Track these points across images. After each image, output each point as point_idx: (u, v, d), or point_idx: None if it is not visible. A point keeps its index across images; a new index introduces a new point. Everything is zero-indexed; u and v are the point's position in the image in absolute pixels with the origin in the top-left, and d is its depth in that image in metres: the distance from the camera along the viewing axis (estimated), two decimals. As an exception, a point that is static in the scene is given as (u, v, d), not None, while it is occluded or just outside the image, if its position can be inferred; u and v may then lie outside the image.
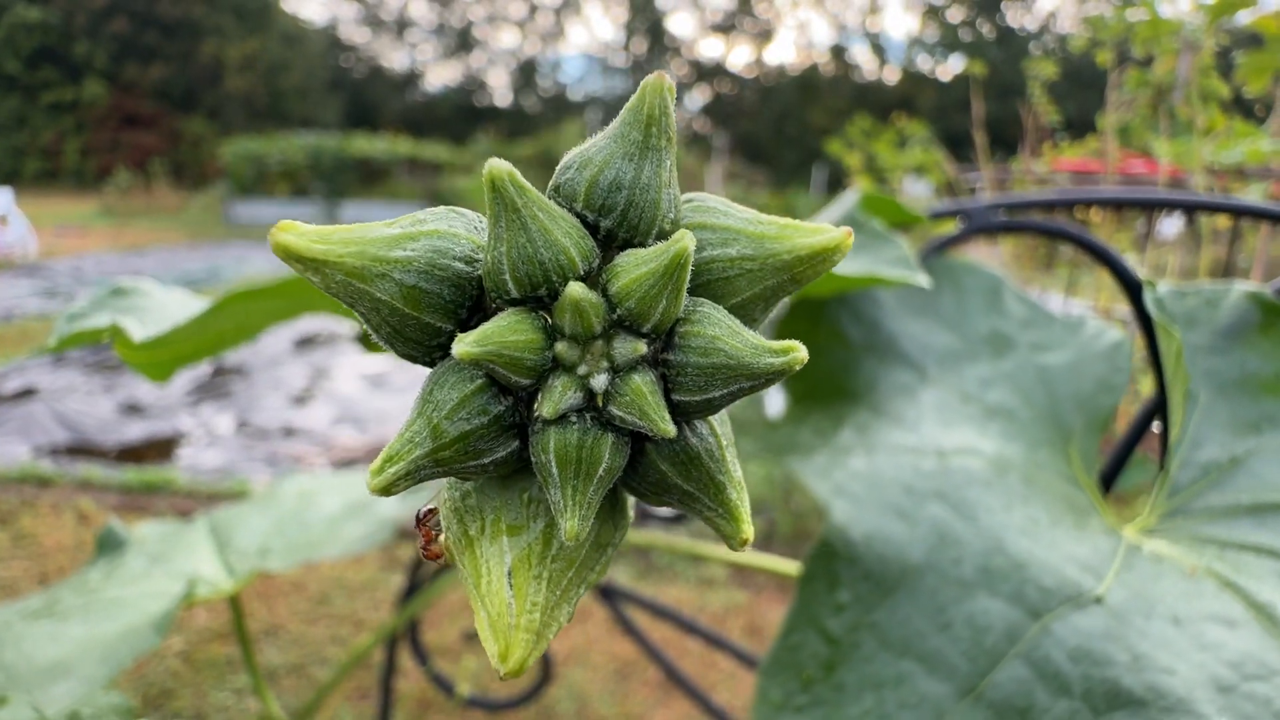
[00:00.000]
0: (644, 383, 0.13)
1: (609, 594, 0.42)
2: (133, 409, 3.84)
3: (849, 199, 0.21)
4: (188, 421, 3.70)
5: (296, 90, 27.07)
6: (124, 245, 10.24)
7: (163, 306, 0.29)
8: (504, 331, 0.13)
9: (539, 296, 0.14)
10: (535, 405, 0.14)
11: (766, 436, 0.21)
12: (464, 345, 0.13)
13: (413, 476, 0.14)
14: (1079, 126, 2.83)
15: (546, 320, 0.14)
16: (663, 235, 0.15)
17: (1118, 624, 0.15)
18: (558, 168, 0.16)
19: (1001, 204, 0.27)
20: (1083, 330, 0.21)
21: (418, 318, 0.15)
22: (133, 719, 0.23)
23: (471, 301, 0.15)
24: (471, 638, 2.00)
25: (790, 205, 5.01)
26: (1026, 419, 0.20)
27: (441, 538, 0.15)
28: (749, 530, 0.14)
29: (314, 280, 0.14)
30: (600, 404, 0.14)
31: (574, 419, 0.14)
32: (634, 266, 0.13)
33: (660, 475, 0.14)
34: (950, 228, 0.26)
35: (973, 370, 0.20)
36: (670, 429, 0.13)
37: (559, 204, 0.16)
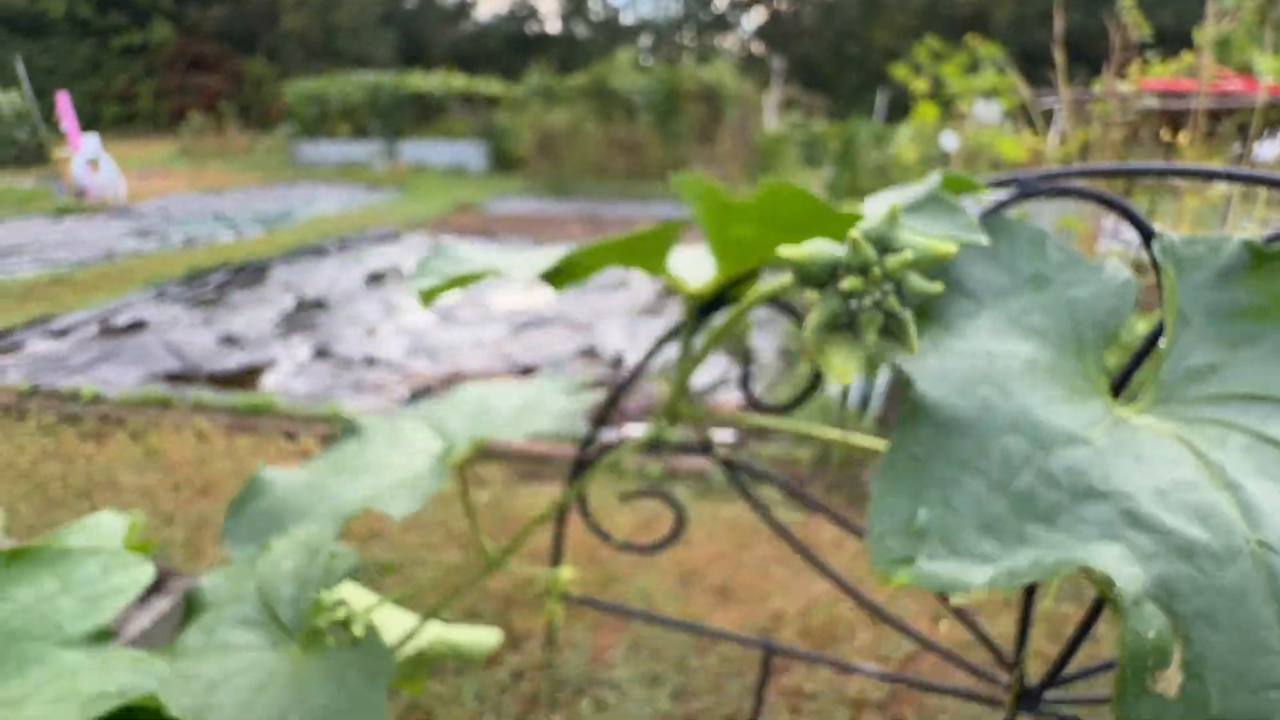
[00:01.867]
0: (891, 288, 0.24)
1: (731, 466, 0.53)
2: (230, 340, 4.19)
3: (932, 180, 0.28)
4: (279, 351, 4.02)
5: (349, 27, 27.00)
6: (202, 186, 10.75)
7: (489, 256, 0.40)
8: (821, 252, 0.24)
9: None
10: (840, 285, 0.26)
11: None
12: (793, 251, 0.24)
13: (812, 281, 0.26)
14: (1172, 41, 2.61)
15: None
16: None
17: (1098, 456, 0.23)
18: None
19: (1049, 174, 0.34)
20: (1103, 271, 0.28)
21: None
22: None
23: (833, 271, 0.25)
24: (618, 509, 2.22)
25: (852, 134, 4.84)
26: (1055, 335, 0.27)
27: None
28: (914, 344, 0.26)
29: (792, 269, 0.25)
30: (873, 288, 0.25)
31: (858, 295, 0.25)
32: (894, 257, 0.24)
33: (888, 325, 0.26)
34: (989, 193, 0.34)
35: (1018, 301, 0.28)
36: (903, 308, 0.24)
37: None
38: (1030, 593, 0.42)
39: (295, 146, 13.33)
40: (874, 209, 0.29)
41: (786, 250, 0.26)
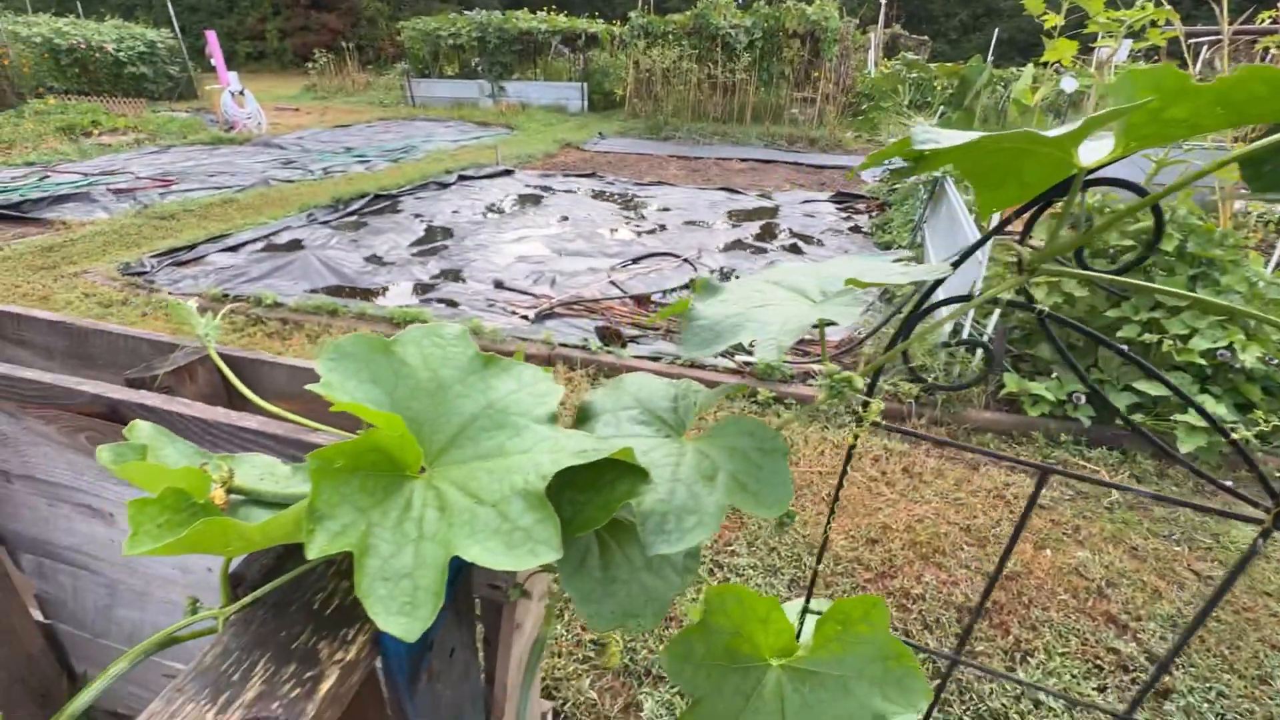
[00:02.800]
0: None
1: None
2: (374, 259, 4.70)
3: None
4: (417, 272, 4.49)
5: (455, -41, 27.20)
6: (329, 122, 11.54)
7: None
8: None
9: None
10: None
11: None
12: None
13: None
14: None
15: None
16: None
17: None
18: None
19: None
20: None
21: None
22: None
23: None
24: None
25: (967, 76, 4.61)
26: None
27: None
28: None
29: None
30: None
31: None
32: None
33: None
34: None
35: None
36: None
37: None
38: None
39: (410, 84, 13.93)
40: None
41: None
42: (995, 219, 2.27)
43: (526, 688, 0.55)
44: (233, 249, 4.86)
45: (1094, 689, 1.59)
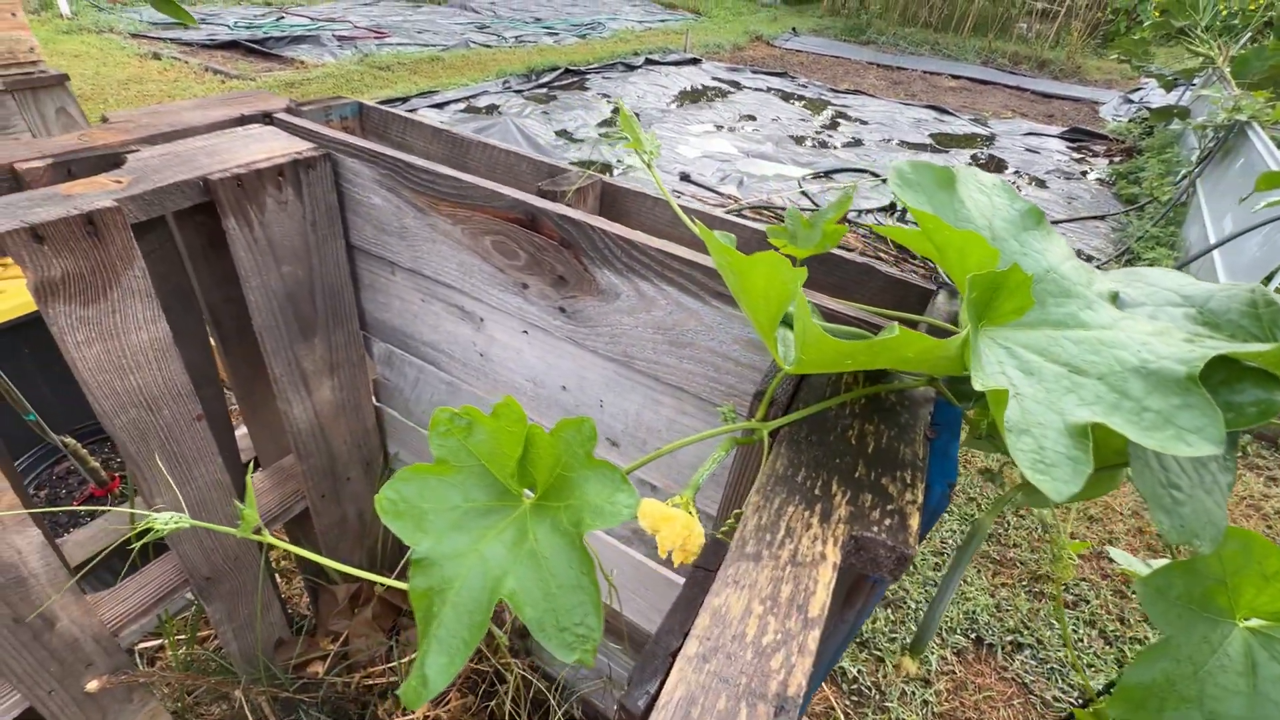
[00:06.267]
0: None
1: None
2: (565, 134, 4.74)
3: None
4: (607, 153, 4.48)
5: None
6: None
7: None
8: None
9: None
10: None
11: None
12: None
13: None
14: None
15: None
16: None
17: None
18: None
19: None
20: None
21: None
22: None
23: None
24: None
25: None
26: None
27: None
28: None
29: None
30: None
31: None
32: None
33: None
34: None
35: None
36: None
37: None
38: None
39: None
40: None
41: None
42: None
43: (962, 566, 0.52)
44: (439, 105, 5.07)
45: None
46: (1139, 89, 7.50)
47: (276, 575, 1.34)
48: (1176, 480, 0.41)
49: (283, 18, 7.02)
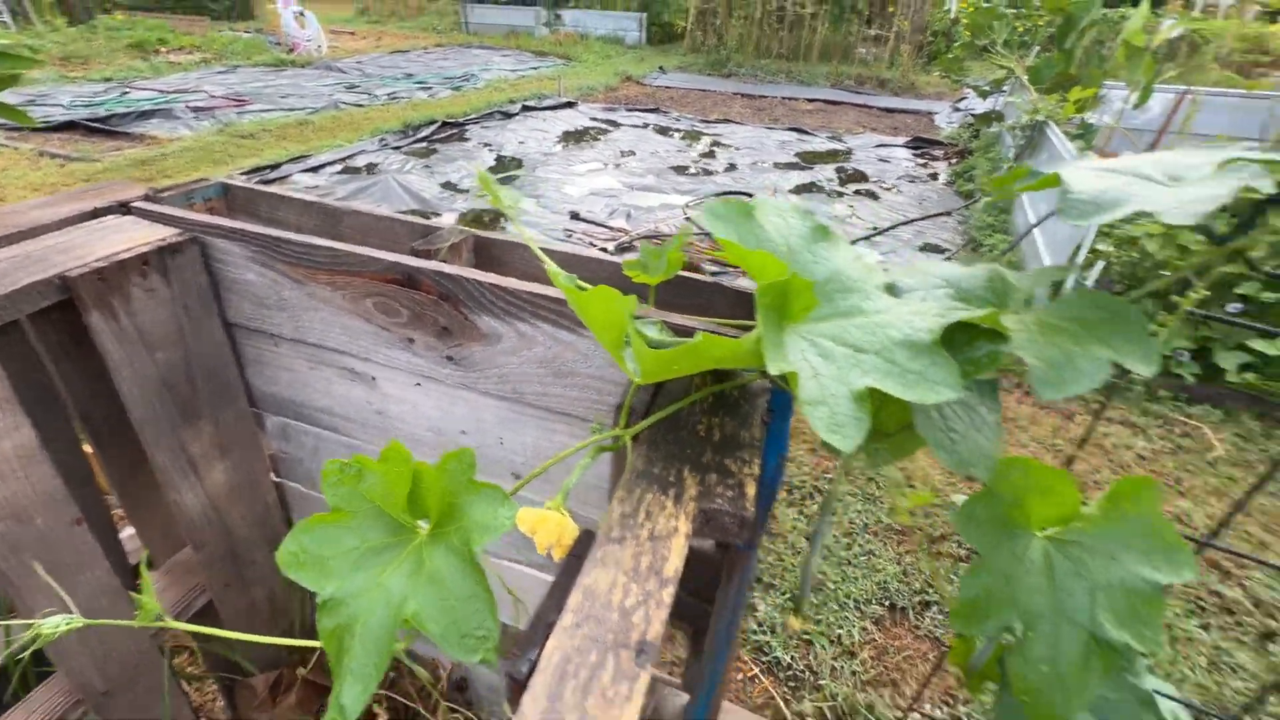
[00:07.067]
0: None
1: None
2: (450, 186, 4.75)
3: None
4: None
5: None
6: (387, 46, 11.40)
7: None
8: None
9: None
10: None
11: None
12: None
13: None
14: None
15: None
16: None
17: None
18: None
19: None
20: None
21: None
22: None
23: None
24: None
25: (1073, 12, 4.30)
26: None
27: None
28: None
29: None
30: None
31: None
32: None
33: None
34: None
35: None
36: None
37: None
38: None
39: (465, 9, 13.59)
40: None
41: None
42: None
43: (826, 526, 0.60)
44: (314, 169, 4.94)
45: (1197, 626, 1.63)
46: (964, 98, 8.47)
47: (184, 682, 1.26)
48: (953, 425, 0.51)
49: (127, 92, 6.62)
